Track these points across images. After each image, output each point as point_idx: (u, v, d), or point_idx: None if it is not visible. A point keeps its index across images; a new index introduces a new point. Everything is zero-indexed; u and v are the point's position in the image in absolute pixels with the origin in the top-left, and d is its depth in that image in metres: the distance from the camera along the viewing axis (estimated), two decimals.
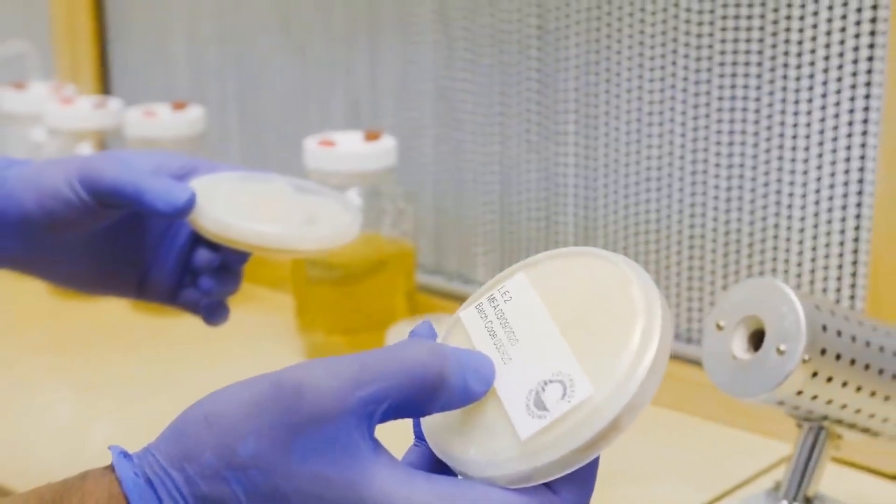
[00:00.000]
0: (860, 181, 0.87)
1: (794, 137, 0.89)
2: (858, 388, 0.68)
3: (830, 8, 0.86)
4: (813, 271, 0.90)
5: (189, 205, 0.70)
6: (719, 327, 0.70)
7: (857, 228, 0.87)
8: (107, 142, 1.13)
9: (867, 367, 0.68)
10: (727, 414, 0.91)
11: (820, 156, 0.88)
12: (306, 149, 1.01)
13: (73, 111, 1.12)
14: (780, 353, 0.66)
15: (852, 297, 0.89)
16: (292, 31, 1.18)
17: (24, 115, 1.19)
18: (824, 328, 0.67)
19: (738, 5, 0.90)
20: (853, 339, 0.68)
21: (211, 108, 1.21)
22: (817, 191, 0.89)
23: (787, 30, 0.88)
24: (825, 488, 0.75)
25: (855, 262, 0.88)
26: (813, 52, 0.87)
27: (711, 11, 0.91)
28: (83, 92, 1.27)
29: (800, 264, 0.91)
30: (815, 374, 0.67)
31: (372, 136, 1.02)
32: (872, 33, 0.84)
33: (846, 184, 0.87)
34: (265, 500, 0.43)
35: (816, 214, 0.89)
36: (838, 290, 0.89)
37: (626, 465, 0.87)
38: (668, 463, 0.88)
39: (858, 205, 0.87)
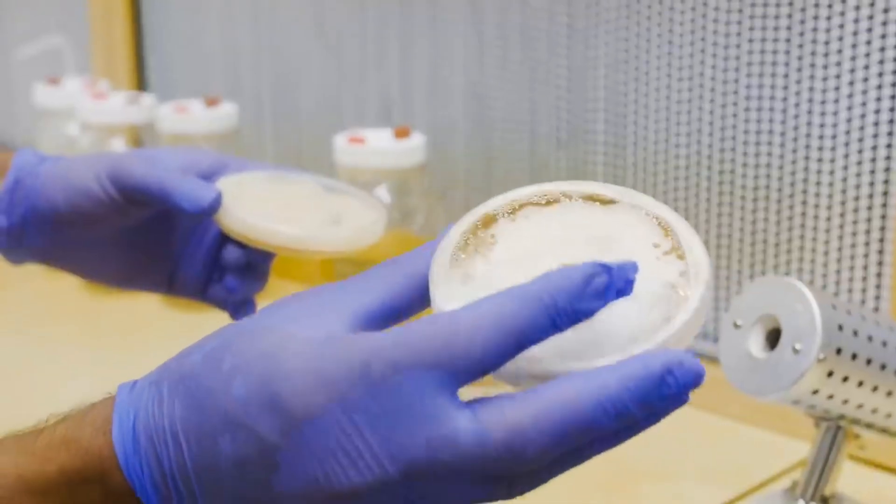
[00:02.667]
0: (886, 182, 0.86)
1: (821, 137, 0.89)
2: (875, 388, 0.68)
3: (857, 8, 0.85)
4: (839, 272, 0.90)
5: (214, 205, 0.70)
6: (736, 326, 0.70)
7: (882, 229, 0.87)
8: (140, 137, 1.15)
9: (883, 366, 0.67)
10: (748, 413, 0.91)
11: (846, 156, 0.88)
12: (336, 145, 1.02)
13: (106, 106, 1.13)
14: (796, 351, 0.66)
15: (877, 298, 0.88)
16: (326, 28, 1.19)
17: (58, 109, 1.21)
18: (840, 327, 0.66)
19: (766, 4, 0.89)
20: (870, 338, 0.68)
21: (245, 105, 1.23)
22: (843, 191, 0.88)
23: (815, 29, 0.87)
24: (845, 488, 0.74)
25: (880, 263, 0.88)
26: (840, 51, 0.87)
27: (740, 11, 0.91)
28: (118, 87, 1.29)
29: (826, 264, 0.90)
30: (830, 374, 0.66)
31: (401, 133, 1.03)
32: None
33: (872, 184, 0.87)
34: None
35: (842, 215, 0.89)
36: (864, 290, 0.89)
37: (647, 462, 0.87)
38: (689, 461, 0.88)
39: (884, 205, 0.87)
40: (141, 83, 1.36)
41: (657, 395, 0.40)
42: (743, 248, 0.95)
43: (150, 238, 0.76)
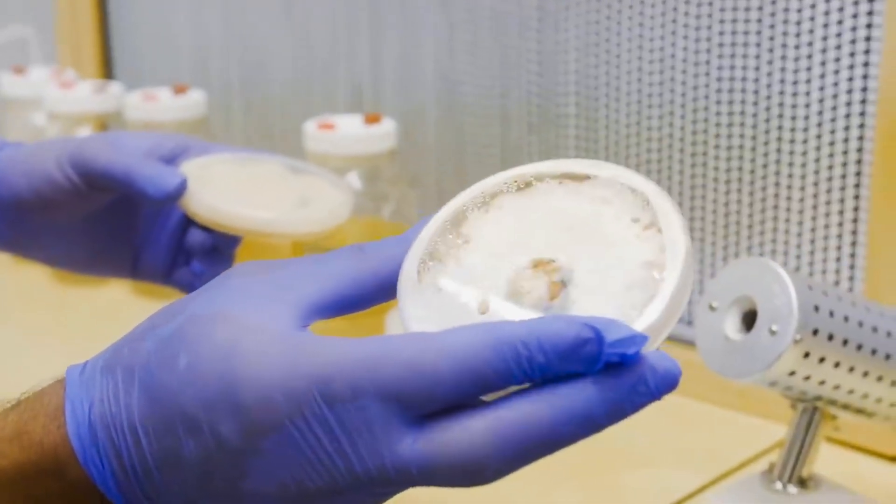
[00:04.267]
0: (858, 161, 0.86)
1: (794, 118, 0.89)
2: (851, 369, 0.68)
3: (827, 12, 0.85)
4: (812, 252, 0.90)
5: (179, 190, 0.70)
6: (712, 308, 0.69)
7: (855, 209, 0.87)
8: (107, 126, 1.14)
9: (860, 347, 0.67)
10: (725, 396, 0.91)
11: (819, 136, 0.88)
12: (306, 132, 1.01)
13: (73, 95, 1.12)
14: (772, 333, 0.66)
15: (851, 279, 0.88)
16: (295, 14, 1.17)
17: (24, 99, 1.19)
18: (816, 308, 0.66)
19: None
20: (846, 319, 0.67)
21: (214, 93, 1.21)
22: (816, 171, 0.88)
23: (786, 10, 0.87)
24: (823, 469, 0.74)
25: (854, 244, 0.88)
26: (811, 31, 0.86)
27: None
28: (86, 76, 1.27)
29: (799, 245, 0.90)
30: (807, 355, 0.66)
31: (372, 119, 1.02)
32: (870, 13, 0.83)
33: (845, 164, 0.87)
34: None
35: (815, 195, 0.89)
36: (837, 271, 0.89)
37: (624, 447, 0.87)
38: (666, 445, 0.88)
39: (857, 185, 0.87)
40: (108, 72, 1.34)
41: (630, 403, 0.39)
42: (716, 231, 0.95)
43: (113, 223, 0.75)
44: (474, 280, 0.42)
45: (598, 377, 0.39)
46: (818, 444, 0.72)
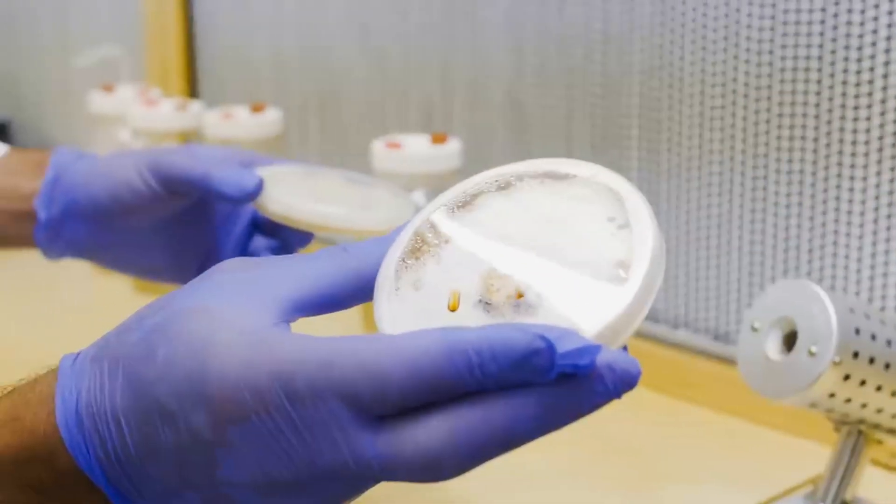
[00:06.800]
0: None
1: (854, 142, 0.89)
2: (893, 393, 0.68)
3: (891, 13, 0.85)
4: (872, 278, 0.90)
5: (258, 189, 0.73)
6: (754, 328, 0.70)
7: None
8: (189, 143, 1.17)
9: None
10: (773, 416, 0.91)
11: (879, 161, 0.88)
12: (374, 150, 1.03)
13: (156, 113, 1.16)
14: (811, 354, 0.66)
15: None
16: (370, 36, 1.20)
17: (111, 116, 1.24)
18: (857, 331, 0.67)
19: (798, 11, 0.89)
20: (888, 343, 0.67)
21: (291, 111, 1.25)
22: (876, 197, 0.88)
23: (848, 35, 0.87)
24: (868, 493, 0.74)
25: None
26: (873, 57, 0.86)
27: (772, 17, 0.91)
28: (170, 95, 1.31)
29: (859, 271, 0.90)
30: (847, 377, 0.67)
31: (438, 138, 1.04)
32: None
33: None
34: None
35: (876, 221, 0.89)
36: (883, 297, 0.88)
37: (668, 464, 0.87)
38: (711, 464, 0.88)
39: None
40: (192, 90, 1.38)
41: (588, 403, 0.39)
42: (776, 255, 0.95)
43: (185, 230, 0.78)
44: (450, 278, 0.43)
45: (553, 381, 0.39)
46: (862, 468, 0.72)
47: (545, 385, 0.39)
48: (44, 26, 1.58)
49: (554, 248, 0.43)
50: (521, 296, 0.42)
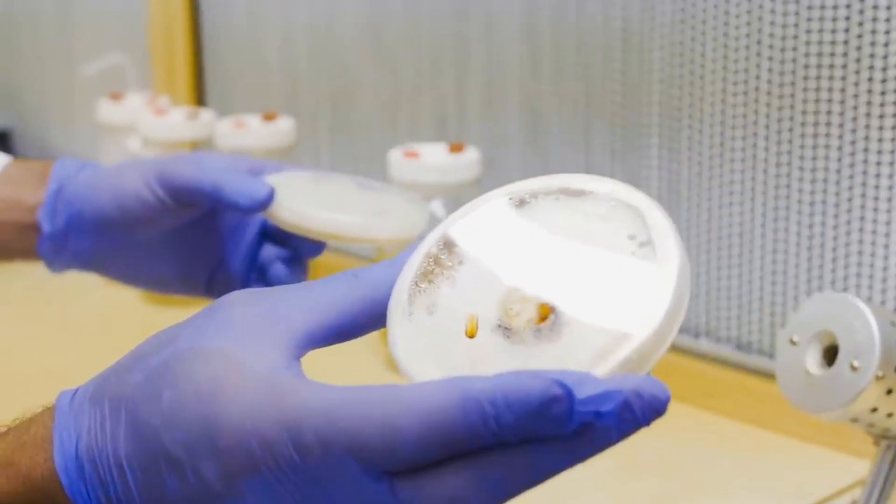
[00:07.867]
0: None
1: (880, 141, 0.88)
2: None
3: None
4: None
5: (269, 198, 0.71)
6: (793, 342, 0.69)
7: None
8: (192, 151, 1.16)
9: None
10: (809, 430, 0.90)
11: None
12: (391, 160, 1.02)
13: (167, 122, 1.15)
14: (854, 369, 0.66)
15: None
16: (382, 44, 1.19)
17: (120, 125, 1.22)
18: None
19: (822, 7, 0.88)
20: None
21: (303, 120, 1.24)
22: None
23: (874, 32, 0.86)
24: None
25: None
26: None
27: (796, 14, 0.90)
28: (178, 103, 1.30)
29: (885, 279, 0.89)
30: (889, 392, 0.66)
31: (456, 147, 1.03)
32: None
33: None
34: None
35: None
36: None
37: (702, 477, 0.86)
38: (745, 477, 0.87)
39: None
40: (201, 99, 1.37)
41: (617, 431, 0.37)
42: (799, 263, 0.94)
43: (193, 241, 0.77)
44: (465, 302, 0.41)
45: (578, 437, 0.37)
46: None
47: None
48: (46, 34, 1.56)
49: (573, 270, 0.41)
50: (541, 320, 0.40)
